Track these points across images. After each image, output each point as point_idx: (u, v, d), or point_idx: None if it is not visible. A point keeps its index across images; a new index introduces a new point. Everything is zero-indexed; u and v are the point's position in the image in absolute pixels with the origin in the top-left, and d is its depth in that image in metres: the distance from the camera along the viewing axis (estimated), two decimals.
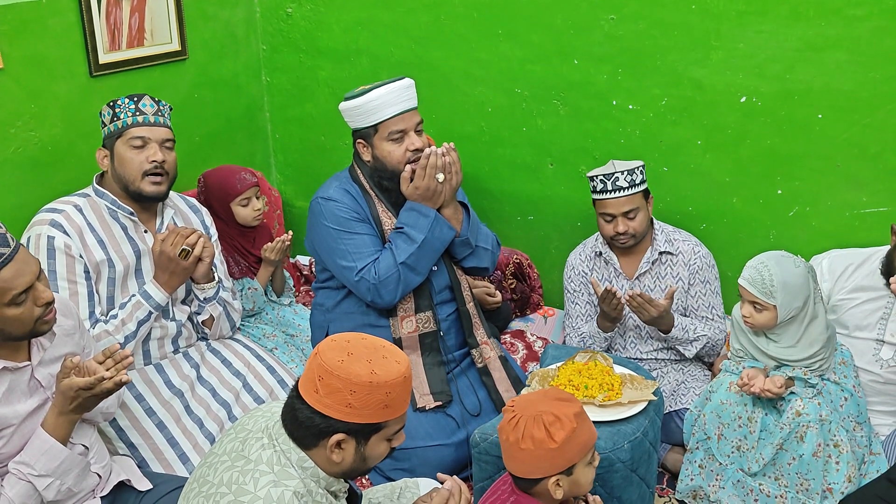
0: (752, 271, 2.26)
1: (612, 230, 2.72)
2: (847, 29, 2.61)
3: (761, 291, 2.23)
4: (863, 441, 2.32)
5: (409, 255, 2.46)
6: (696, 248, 2.78)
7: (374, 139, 2.49)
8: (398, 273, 2.47)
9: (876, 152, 2.69)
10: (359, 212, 2.55)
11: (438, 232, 2.50)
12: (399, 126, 2.46)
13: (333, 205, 2.53)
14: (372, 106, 2.43)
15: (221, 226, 2.97)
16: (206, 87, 3.41)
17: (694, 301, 2.78)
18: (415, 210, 2.49)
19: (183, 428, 2.41)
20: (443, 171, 2.46)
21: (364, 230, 2.53)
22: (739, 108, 2.84)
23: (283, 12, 3.55)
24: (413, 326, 2.57)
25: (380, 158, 2.50)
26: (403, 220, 2.50)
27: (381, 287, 2.47)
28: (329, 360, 1.55)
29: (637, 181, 2.68)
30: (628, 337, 2.84)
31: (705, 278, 2.77)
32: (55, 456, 1.87)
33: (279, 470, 1.57)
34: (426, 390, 2.53)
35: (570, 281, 2.91)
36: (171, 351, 2.53)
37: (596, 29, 2.98)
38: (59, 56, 2.80)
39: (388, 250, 2.50)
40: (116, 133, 2.38)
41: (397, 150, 2.48)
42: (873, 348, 2.45)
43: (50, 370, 1.95)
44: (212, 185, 3.00)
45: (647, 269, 2.78)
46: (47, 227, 2.29)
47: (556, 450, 1.75)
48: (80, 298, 2.30)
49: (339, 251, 2.51)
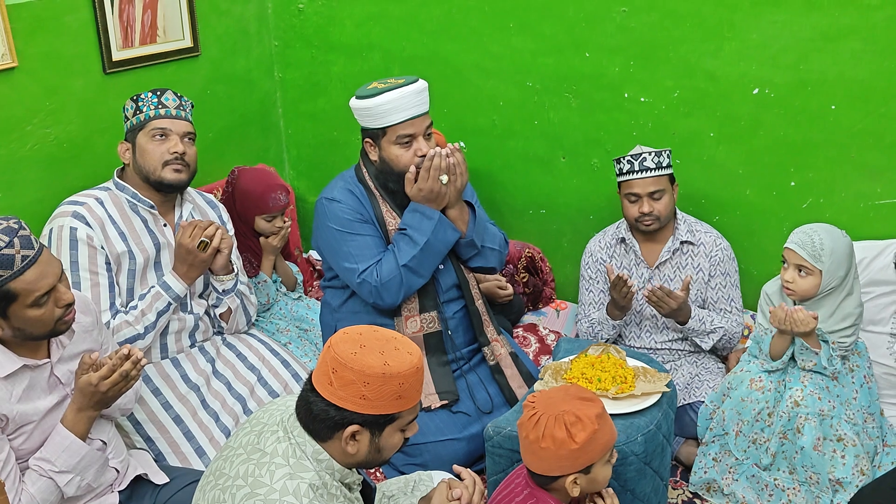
0: (802, 235, 2.26)
1: (636, 211, 2.72)
2: (861, 18, 2.59)
3: (810, 254, 2.23)
4: (874, 432, 2.31)
5: (412, 258, 2.45)
6: (717, 241, 2.79)
7: (382, 141, 2.47)
8: (400, 275, 2.46)
9: (891, 142, 2.67)
10: (362, 213, 2.54)
11: (442, 234, 2.49)
12: (408, 131, 2.44)
13: (337, 206, 2.52)
14: (382, 109, 2.40)
15: (236, 223, 2.98)
16: (218, 84, 3.43)
17: (714, 293, 2.78)
18: (418, 212, 2.47)
19: (199, 422, 2.43)
20: (447, 172, 2.43)
21: (367, 231, 2.53)
22: (752, 99, 2.83)
23: (295, 8, 3.56)
24: (418, 326, 2.56)
25: (387, 160, 2.49)
26: (407, 222, 2.49)
27: (382, 289, 2.46)
28: (342, 352, 1.57)
29: (664, 164, 2.69)
30: (644, 326, 2.85)
31: (726, 270, 2.78)
32: (75, 452, 1.90)
33: (294, 462, 1.59)
34: (432, 390, 2.53)
35: (587, 268, 2.92)
36: (188, 345, 2.56)
37: (608, 21, 2.97)
38: (74, 53, 2.82)
39: (391, 252, 2.48)
40: (139, 126, 2.41)
41: (405, 155, 2.46)
42: (887, 342, 2.44)
43: (69, 367, 1.98)
44: (244, 190, 2.94)
45: (667, 258, 2.78)
46: (70, 219, 2.32)
47: (576, 450, 1.75)
48: (101, 289, 2.33)
49: (342, 252, 2.51)
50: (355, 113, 2.50)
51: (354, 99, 2.47)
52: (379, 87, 2.42)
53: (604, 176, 3.18)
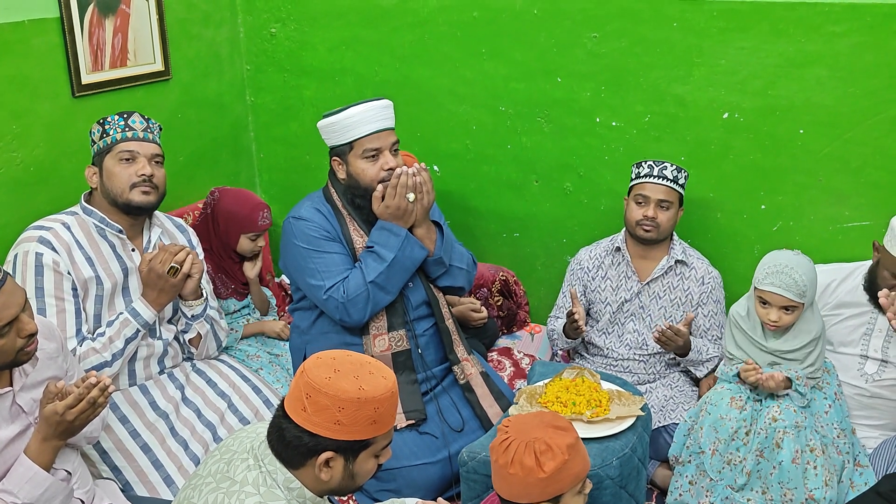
0: (784, 277, 2.26)
1: (640, 214, 2.74)
2: (827, 45, 2.64)
3: (797, 294, 2.26)
4: (844, 448, 2.33)
5: (379, 274, 2.46)
6: (709, 269, 2.83)
7: (349, 156, 2.50)
8: (367, 291, 2.46)
9: (857, 166, 2.72)
10: (330, 231, 2.55)
11: (409, 251, 2.50)
12: (374, 144, 2.47)
13: (304, 224, 2.53)
14: (348, 123, 2.45)
15: (214, 244, 2.96)
16: (190, 107, 3.40)
17: (707, 321, 2.82)
18: (385, 229, 2.49)
19: (168, 450, 2.38)
20: (413, 190, 2.46)
21: (334, 249, 2.53)
22: (722, 124, 2.87)
23: (267, 32, 3.56)
24: (386, 345, 2.55)
25: (354, 176, 2.51)
26: (374, 239, 2.50)
27: (349, 305, 2.46)
28: (316, 377, 1.54)
29: (680, 180, 2.73)
30: (625, 340, 2.87)
31: (717, 298, 2.82)
32: (39, 483, 1.84)
33: (265, 491, 1.56)
34: (399, 409, 2.51)
35: (571, 274, 2.97)
36: (157, 371, 2.51)
37: (579, 47, 3.00)
38: (42, 76, 2.78)
39: (358, 269, 2.49)
40: (106, 149, 2.38)
41: (371, 169, 2.49)
42: (858, 363, 2.46)
43: (32, 395, 1.92)
44: (229, 210, 2.97)
45: (660, 275, 2.81)
46: (35, 244, 2.28)
47: (544, 479, 1.73)
48: (67, 316, 2.28)
49: (309, 270, 2.51)
50: (322, 133, 2.54)
51: (322, 119, 2.52)
52: (345, 106, 2.48)
53: (576, 200, 3.20)
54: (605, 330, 2.89)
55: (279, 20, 3.51)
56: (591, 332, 2.92)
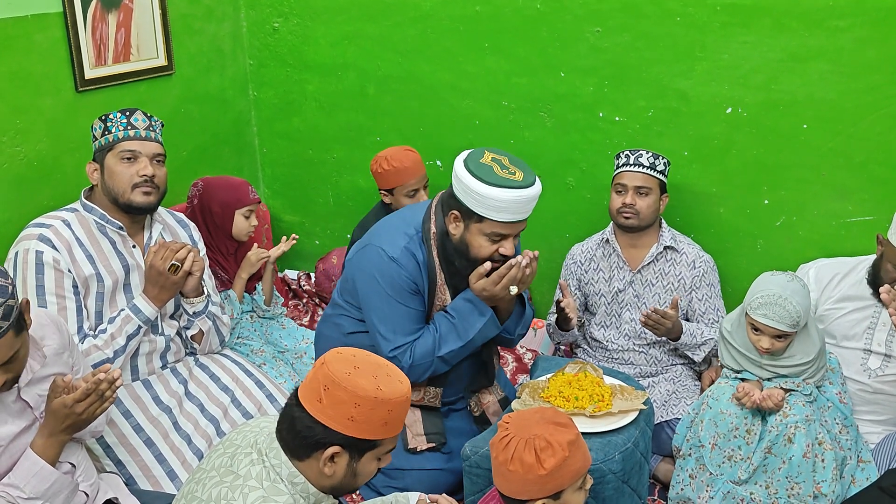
0: (777, 309, 2.21)
1: (619, 202, 2.76)
2: (830, 40, 2.64)
3: (790, 325, 2.23)
4: (847, 444, 2.33)
5: (451, 352, 2.36)
6: (700, 253, 2.84)
7: (473, 224, 2.27)
8: (432, 363, 2.38)
9: (860, 161, 2.72)
10: (418, 283, 2.38)
11: (486, 331, 2.39)
12: (504, 231, 2.27)
13: (395, 269, 2.34)
14: (492, 204, 2.19)
15: (203, 235, 2.96)
16: (192, 102, 3.41)
17: (701, 305, 2.82)
18: (472, 303, 2.35)
19: (171, 444, 2.39)
20: (517, 282, 2.31)
21: (414, 304, 2.39)
22: (725, 118, 2.86)
23: (270, 27, 3.56)
24: (419, 397, 2.50)
25: (467, 243, 2.31)
26: (458, 308, 2.36)
27: (410, 370, 2.35)
28: (336, 370, 1.56)
29: (658, 167, 2.74)
30: (623, 330, 2.88)
31: (710, 281, 2.82)
32: (45, 478, 1.85)
33: (269, 486, 1.56)
34: (420, 430, 2.50)
35: (565, 268, 2.99)
36: (160, 366, 2.51)
37: (581, 42, 3.00)
38: (45, 72, 2.79)
39: (431, 335, 2.37)
40: (107, 146, 2.37)
41: (489, 248, 2.29)
42: (861, 358, 2.46)
43: (38, 390, 1.93)
44: (218, 190, 2.98)
45: (650, 262, 2.82)
46: (35, 242, 2.28)
47: (544, 476, 1.72)
48: (68, 313, 2.29)
49: (383, 315, 2.38)
50: (458, 182, 2.26)
51: (465, 170, 2.23)
52: (497, 173, 2.21)
53: (579, 195, 3.20)
54: (604, 322, 2.90)
55: (282, 15, 3.51)
56: (590, 326, 2.93)
